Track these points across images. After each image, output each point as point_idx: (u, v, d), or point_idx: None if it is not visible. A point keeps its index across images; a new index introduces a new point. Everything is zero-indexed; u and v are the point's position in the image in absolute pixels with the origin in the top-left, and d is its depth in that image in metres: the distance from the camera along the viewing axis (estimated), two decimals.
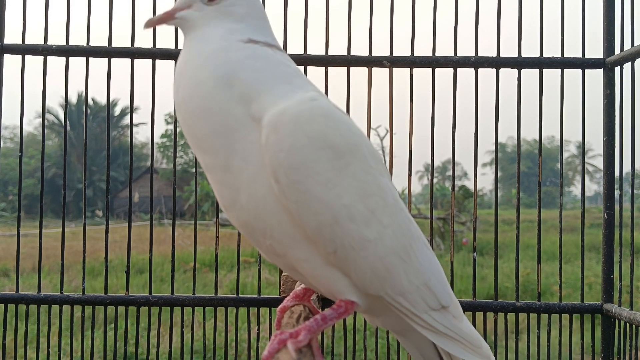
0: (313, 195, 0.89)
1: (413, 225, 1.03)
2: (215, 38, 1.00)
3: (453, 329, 1.01)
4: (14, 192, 29.22)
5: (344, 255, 0.93)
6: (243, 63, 0.97)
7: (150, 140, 1.91)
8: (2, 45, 1.81)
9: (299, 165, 0.89)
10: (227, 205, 0.99)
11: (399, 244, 0.97)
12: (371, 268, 0.94)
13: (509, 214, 20.47)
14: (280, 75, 0.99)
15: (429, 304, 0.99)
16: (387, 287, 0.96)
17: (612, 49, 1.86)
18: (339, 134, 0.93)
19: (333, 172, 0.91)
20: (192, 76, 0.97)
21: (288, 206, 0.90)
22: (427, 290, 0.99)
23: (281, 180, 0.89)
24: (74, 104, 34.83)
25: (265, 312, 1.89)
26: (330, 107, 0.96)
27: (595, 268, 8.74)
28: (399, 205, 1.01)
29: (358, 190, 0.93)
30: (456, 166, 1.90)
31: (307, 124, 0.90)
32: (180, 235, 13.33)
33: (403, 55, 1.86)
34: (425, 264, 1.01)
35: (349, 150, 0.93)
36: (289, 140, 0.89)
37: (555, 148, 43.08)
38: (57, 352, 1.82)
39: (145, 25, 1.09)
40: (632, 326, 1.70)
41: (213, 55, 0.98)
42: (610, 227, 1.85)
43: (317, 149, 0.90)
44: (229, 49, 0.98)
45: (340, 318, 0.97)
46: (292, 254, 0.96)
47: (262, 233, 0.96)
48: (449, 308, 1.02)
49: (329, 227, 0.91)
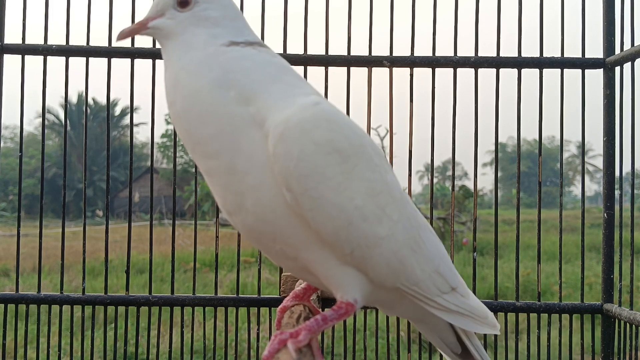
0: (326, 200, 0.91)
1: (419, 215, 1.08)
2: (200, 45, 0.99)
3: (464, 306, 1.08)
4: (14, 192, 29.23)
5: (360, 254, 0.95)
6: (233, 65, 0.97)
7: (151, 140, 1.91)
8: (2, 45, 1.81)
9: (309, 172, 0.90)
10: (232, 210, 0.98)
11: (409, 236, 1.01)
12: (386, 263, 0.98)
13: (509, 214, 20.46)
14: (270, 73, 0.99)
15: (441, 289, 1.05)
16: (403, 279, 1.01)
17: (612, 49, 1.86)
18: (343, 137, 0.94)
19: (342, 175, 0.93)
20: (188, 85, 0.96)
21: (302, 214, 0.91)
22: (438, 276, 1.05)
23: (294, 189, 0.90)
24: (74, 104, 34.84)
25: (265, 312, 1.89)
26: (332, 109, 0.98)
27: (595, 268, 8.74)
28: (405, 198, 1.05)
29: (367, 190, 0.96)
30: (456, 166, 1.90)
31: (313, 131, 0.91)
32: (180, 235, 13.33)
33: (403, 55, 1.86)
34: (433, 251, 1.06)
35: (355, 152, 0.95)
36: (296, 148, 0.89)
37: (556, 148, 43.08)
38: (57, 352, 1.82)
39: (118, 37, 1.08)
40: (632, 326, 1.70)
41: (204, 62, 0.97)
42: (610, 227, 1.85)
43: (325, 154, 0.91)
44: (217, 53, 0.98)
45: (341, 319, 0.99)
46: (304, 256, 0.97)
47: (271, 237, 0.97)
48: (457, 289, 1.08)
49: (344, 230, 0.93)
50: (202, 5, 1.03)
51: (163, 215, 25.09)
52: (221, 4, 1.05)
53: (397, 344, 1.85)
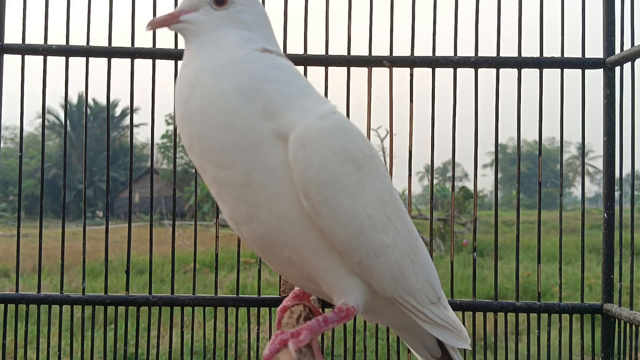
0: (342, 208, 0.92)
1: (413, 225, 1.08)
2: (231, 46, 0.96)
3: (446, 319, 1.09)
4: (14, 193, 29.25)
5: (367, 263, 0.96)
6: (266, 74, 0.94)
7: (151, 141, 1.90)
8: (2, 45, 1.81)
9: (328, 180, 0.91)
10: (241, 221, 0.97)
11: (408, 246, 1.02)
12: (389, 272, 0.99)
13: (509, 215, 20.47)
14: (300, 87, 0.98)
15: (430, 299, 1.06)
16: (401, 289, 1.01)
17: (612, 49, 1.86)
18: (357, 147, 0.96)
19: (357, 184, 0.94)
20: (211, 87, 0.91)
21: (318, 221, 0.92)
22: (429, 286, 1.06)
23: (312, 196, 0.90)
24: (75, 104, 34.86)
25: (265, 313, 1.89)
26: (346, 119, 0.99)
27: (595, 269, 8.74)
28: (404, 207, 1.06)
29: (377, 199, 0.97)
30: (456, 167, 1.90)
31: (331, 139, 0.92)
32: (180, 236, 13.33)
33: (403, 55, 1.86)
34: (426, 261, 1.07)
35: (367, 162, 0.97)
36: (317, 156, 0.90)
37: (556, 149, 43.07)
38: (57, 352, 1.82)
39: (148, 27, 1.04)
40: (632, 326, 1.70)
41: (234, 65, 0.93)
42: (610, 227, 1.85)
43: (342, 163, 0.93)
44: (249, 59, 0.95)
45: (341, 322, 0.99)
46: (312, 264, 0.97)
47: (280, 246, 0.97)
48: (440, 299, 1.10)
49: (356, 238, 0.94)
50: (238, 7, 1.00)
51: (163, 216, 25.10)
52: (256, 10, 1.03)
53: (397, 344, 1.85)
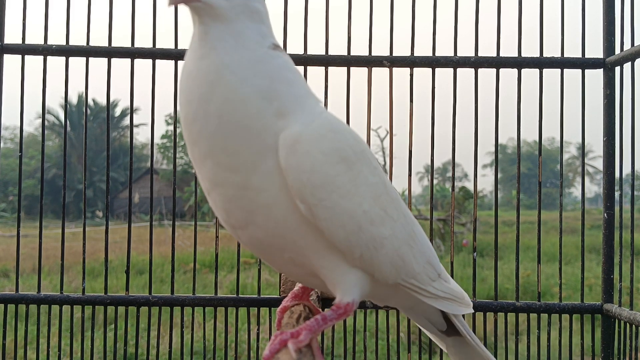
0: (339, 209, 0.93)
1: (408, 210, 1.11)
2: (251, 44, 0.93)
3: (448, 291, 1.14)
4: (14, 193, 29.25)
5: (368, 256, 0.98)
6: (279, 75, 0.94)
7: (150, 141, 1.90)
8: (2, 45, 1.81)
9: (322, 183, 0.91)
10: (237, 225, 0.96)
11: (406, 232, 1.05)
12: (390, 261, 1.01)
13: (509, 215, 20.47)
14: (304, 87, 0.98)
15: (431, 277, 1.10)
16: (403, 274, 1.04)
17: (612, 49, 1.86)
18: (347, 145, 0.96)
19: (350, 183, 0.95)
20: (234, 90, 0.89)
21: (316, 223, 0.92)
22: (429, 266, 1.10)
23: (308, 200, 0.90)
24: (74, 104, 34.87)
25: (265, 313, 1.89)
26: (333, 118, 0.99)
27: (595, 270, 8.73)
28: (398, 195, 1.08)
29: (371, 193, 0.98)
30: (456, 167, 1.90)
31: (321, 141, 0.92)
32: (180, 236, 13.33)
33: (403, 55, 1.85)
34: (424, 243, 1.10)
35: (358, 159, 0.98)
36: (308, 160, 0.90)
37: (556, 149, 43.08)
38: (57, 353, 1.82)
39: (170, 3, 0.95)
40: (632, 326, 1.70)
41: (253, 66, 0.92)
42: (610, 227, 1.85)
43: (334, 164, 0.93)
44: (265, 59, 0.93)
45: (340, 319, 1.00)
46: (314, 263, 0.98)
47: (280, 249, 0.97)
48: (441, 275, 1.14)
49: (354, 235, 0.95)
50: None
51: (163, 216, 25.09)
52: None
53: (397, 344, 1.85)
